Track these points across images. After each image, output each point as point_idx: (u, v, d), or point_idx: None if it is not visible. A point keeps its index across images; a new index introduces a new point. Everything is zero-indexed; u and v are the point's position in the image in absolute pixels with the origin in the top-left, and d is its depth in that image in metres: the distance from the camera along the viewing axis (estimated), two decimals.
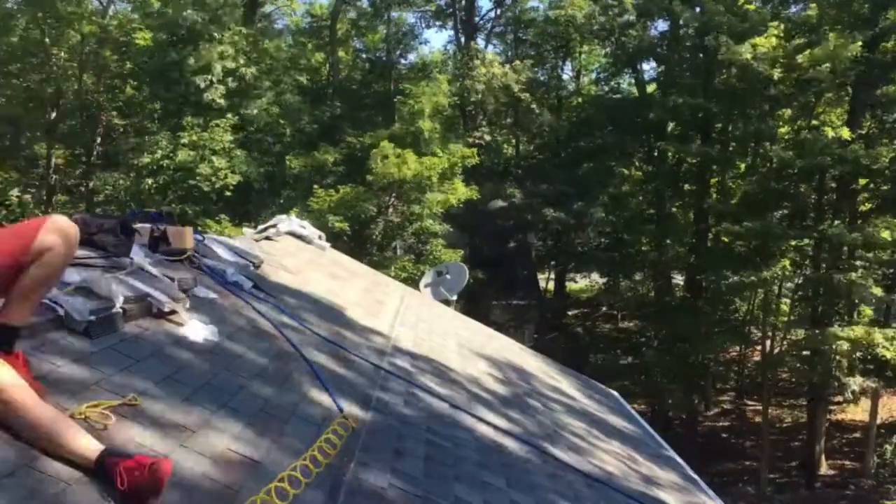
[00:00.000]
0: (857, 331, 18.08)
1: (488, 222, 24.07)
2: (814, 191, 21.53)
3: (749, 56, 18.08)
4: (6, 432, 1.87)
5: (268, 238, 7.22)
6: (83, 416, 2.12)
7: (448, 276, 10.63)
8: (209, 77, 18.88)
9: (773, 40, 18.29)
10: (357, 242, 18.53)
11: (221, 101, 18.96)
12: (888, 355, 17.43)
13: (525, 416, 5.14)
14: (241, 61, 19.67)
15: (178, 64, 19.09)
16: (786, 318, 24.57)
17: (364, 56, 33.32)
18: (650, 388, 22.98)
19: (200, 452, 2.32)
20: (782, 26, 19.09)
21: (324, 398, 3.37)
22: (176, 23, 19.70)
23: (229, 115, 18.98)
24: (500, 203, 24.45)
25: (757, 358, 24.64)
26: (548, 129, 26.08)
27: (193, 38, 19.45)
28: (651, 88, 27.38)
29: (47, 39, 23.35)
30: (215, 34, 19.55)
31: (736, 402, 26.41)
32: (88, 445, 1.94)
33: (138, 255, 3.88)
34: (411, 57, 32.99)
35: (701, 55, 23.23)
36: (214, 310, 3.90)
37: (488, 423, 4.35)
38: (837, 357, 19.22)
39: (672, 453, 6.81)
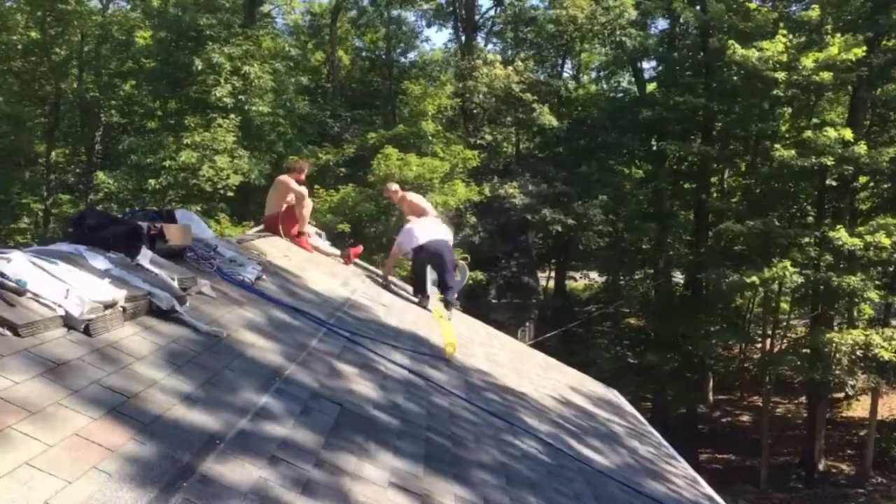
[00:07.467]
0: (855, 334, 18.12)
1: (488, 221, 24.06)
2: (815, 189, 21.54)
3: (756, 60, 18.12)
4: None
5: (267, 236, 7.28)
6: None
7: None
8: (217, 77, 19.00)
9: (780, 46, 18.31)
10: (357, 241, 18.54)
11: (227, 100, 19.02)
12: (886, 356, 17.47)
13: (522, 404, 5.15)
14: (255, 63, 19.76)
15: (187, 65, 19.19)
16: (786, 317, 24.58)
17: (364, 55, 33.31)
18: (651, 386, 22.99)
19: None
20: (786, 31, 19.10)
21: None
22: (182, 25, 19.77)
23: (232, 116, 19.02)
24: (500, 202, 24.42)
25: (757, 356, 24.66)
26: (548, 128, 26.06)
27: (202, 40, 19.55)
28: (651, 87, 27.36)
29: (48, 37, 23.36)
30: (223, 35, 19.65)
31: (736, 400, 26.44)
32: None
33: (141, 253, 3.88)
34: (412, 56, 33.01)
35: (702, 53, 23.21)
36: (215, 307, 3.90)
37: (486, 411, 4.35)
38: (837, 356, 19.26)
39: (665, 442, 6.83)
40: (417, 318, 6.91)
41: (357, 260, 8.59)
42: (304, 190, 7.82)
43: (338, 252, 8.43)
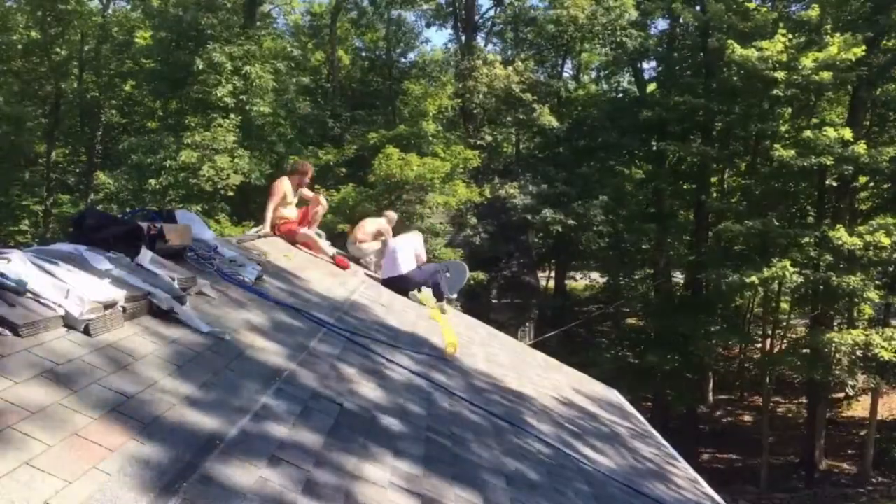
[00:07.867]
0: (855, 334, 18.12)
1: (489, 221, 24.08)
2: (815, 189, 21.55)
3: (756, 60, 18.13)
4: None
5: (267, 236, 7.28)
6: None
7: (448, 275, 10.59)
8: (219, 77, 19.03)
9: (780, 45, 18.32)
10: None
11: (228, 100, 19.04)
12: (886, 356, 17.47)
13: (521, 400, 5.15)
14: (256, 63, 19.77)
15: (188, 65, 19.21)
16: (786, 317, 24.57)
17: (364, 55, 33.33)
18: (650, 386, 22.99)
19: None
20: (786, 31, 19.09)
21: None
22: (183, 24, 19.78)
23: (233, 115, 19.03)
24: (500, 202, 24.46)
25: (757, 356, 24.66)
26: (548, 128, 26.07)
27: (202, 39, 19.57)
28: (651, 87, 27.37)
29: (48, 37, 23.36)
30: (224, 35, 19.68)
31: (736, 400, 26.44)
32: None
33: (141, 253, 3.88)
34: (412, 56, 33.04)
35: (701, 54, 23.22)
36: (215, 307, 3.90)
37: (486, 411, 4.35)
38: (837, 356, 19.26)
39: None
40: (417, 318, 6.91)
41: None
42: (305, 191, 8.27)
43: (337, 252, 8.45)
